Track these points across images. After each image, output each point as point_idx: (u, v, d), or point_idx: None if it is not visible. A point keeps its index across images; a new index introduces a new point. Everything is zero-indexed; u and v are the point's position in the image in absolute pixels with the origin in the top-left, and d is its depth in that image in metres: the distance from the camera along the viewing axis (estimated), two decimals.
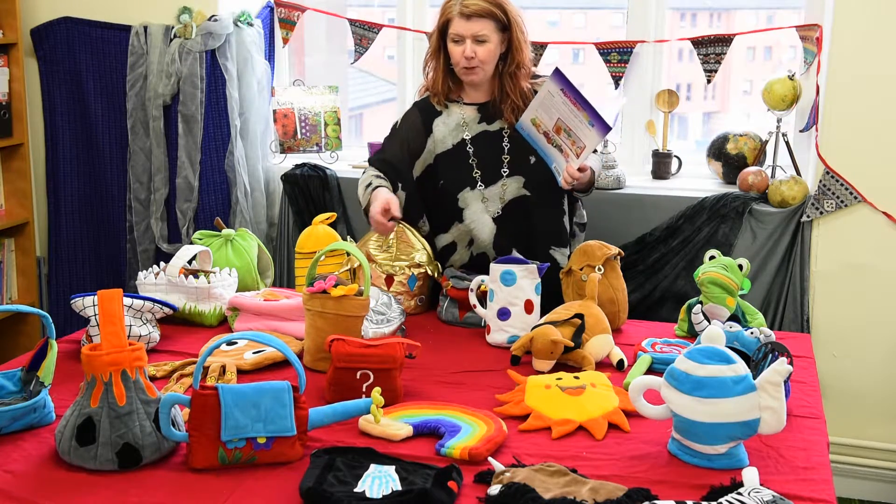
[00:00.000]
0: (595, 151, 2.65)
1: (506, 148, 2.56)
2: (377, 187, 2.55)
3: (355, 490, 1.50)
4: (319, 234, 2.55)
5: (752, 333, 1.99)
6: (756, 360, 1.87)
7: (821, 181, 3.00)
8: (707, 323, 2.16)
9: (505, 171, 2.57)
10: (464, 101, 2.61)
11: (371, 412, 1.73)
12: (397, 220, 2.49)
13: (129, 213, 3.61)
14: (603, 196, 3.08)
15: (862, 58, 2.92)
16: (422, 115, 2.64)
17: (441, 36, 2.53)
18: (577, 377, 1.91)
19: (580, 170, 2.41)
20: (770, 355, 1.84)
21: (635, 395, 1.68)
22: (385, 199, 2.47)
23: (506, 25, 2.49)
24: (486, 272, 2.34)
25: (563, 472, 1.54)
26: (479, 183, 2.57)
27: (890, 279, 3.01)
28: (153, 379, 1.98)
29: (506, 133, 2.57)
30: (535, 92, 2.52)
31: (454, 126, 2.60)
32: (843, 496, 3.11)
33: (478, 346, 2.26)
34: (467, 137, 2.58)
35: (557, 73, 2.36)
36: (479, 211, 2.58)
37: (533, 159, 2.56)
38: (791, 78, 3.04)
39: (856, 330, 3.07)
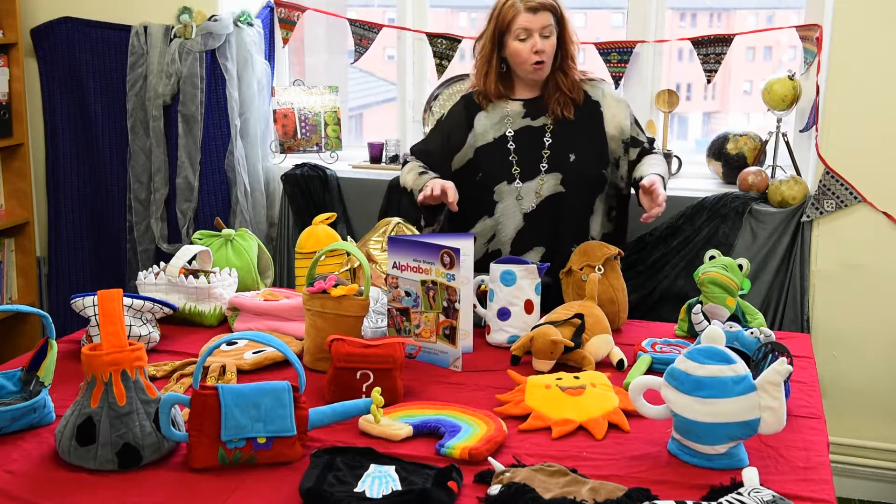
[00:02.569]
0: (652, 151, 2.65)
1: (547, 143, 2.57)
2: (434, 177, 2.59)
3: (355, 490, 1.50)
4: (319, 234, 2.55)
5: (752, 333, 1.99)
6: (756, 360, 1.87)
7: (821, 181, 3.00)
8: (707, 323, 2.16)
9: (544, 167, 2.57)
10: (511, 97, 2.64)
11: (371, 412, 1.73)
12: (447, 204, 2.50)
13: (129, 213, 3.61)
14: None
15: (862, 58, 2.92)
16: (466, 111, 2.68)
17: (495, 38, 2.56)
18: (577, 377, 1.91)
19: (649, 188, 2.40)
20: (770, 355, 1.84)
21: (635, 395, 1.68)
22: (447, 183, 2.50)
23: (559, 19, 2.56)
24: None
25: (563, 472, 1.54)
26: (517, 178, 2.58)
27: (890, 279, 3.01)
28: (153, 379, 1.98)
29: (548, 129, 2.59)
30: (585, 86, 2.61)
31: (497, 120, 2.62)
32: (843, 496, 3.11)
33: (478, 346, 2.26)
34: (510, 133, 2.59)
35: None
36: (512, 205, 2.59)
37: (573, 157, 2.57)
38: (791, 78, 3.04)
39: (856, 330, 3.07)
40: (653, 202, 2.40)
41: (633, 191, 2.65)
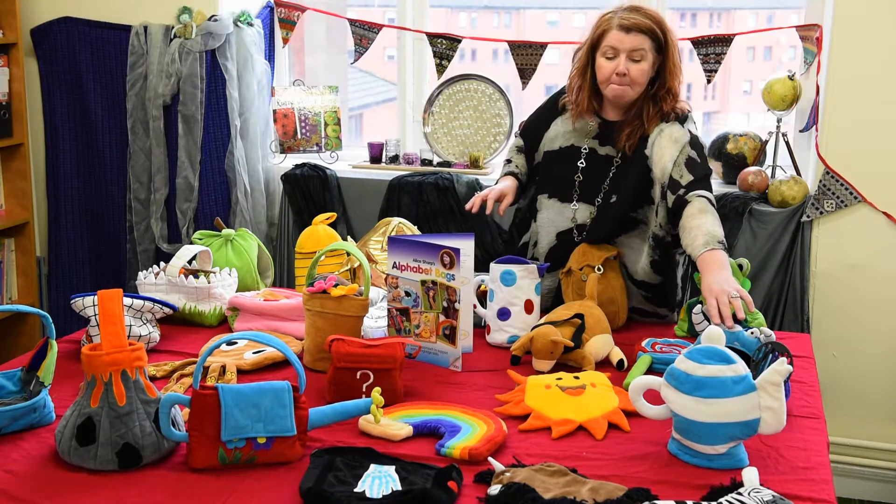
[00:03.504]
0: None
1: (609, 178, 2.43)
2: (507, 174, 2.56)
3: (355, 490, 1.50)
4: (319, 234, 2.55)
5: (752, 333, 1.99)
6: (756, 359, 1.87)
7: (821, 181, 3.00)
8: (707, 323, 2.16)
9: (598, 202, 2.43)
10: (598, 113, 2.47)
11: (371, 412, 1.73)
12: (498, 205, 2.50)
13: (129, 213, 3.61)
14: None
15: (862, 58, 2.92)
16: (552, 108, 2.56)
17: (591, 51, 2.39)
18: (577, 377, 1.91)
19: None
20: (770, 355, 1.84)
21: (635, 395, 1.68)
22: (502, 189, 2.50)
23: (662, 46, 2.34)
24: None
25: (563, 472, 1.54)
26: (573, 197, 2.46)
27: (890, 279, 3.02)
28: (153, 379, 1.98)
29: (616, 162, 2.42)
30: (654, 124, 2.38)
31: (570, 129, 2.49)
32: (843, 496, 3.11)
33: (478, 346, 2.26)
34: (584, 150, 2.46)
35: None
36: (547, 219, 2.49)
37: (614, 198, 2.41)
38: (791, 78, 3.04)
39: (856, 330, 3.07)
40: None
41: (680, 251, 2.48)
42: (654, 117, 2.39)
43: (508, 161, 2.64)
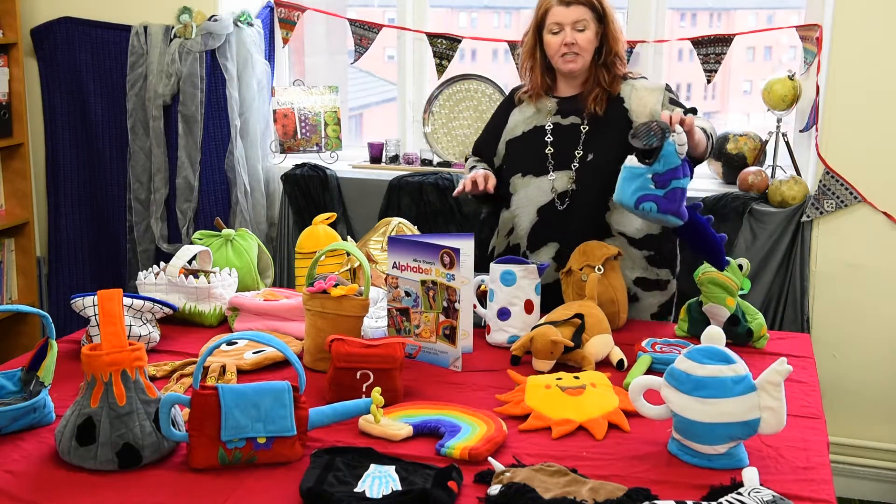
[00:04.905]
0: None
1: (580, 141, 2.55)
2: (480, 170, 2.60)
3: (355, 490, 1.50)
4: (319, 234, 2.55)
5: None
6: (649, 145, 2.03)
7: (821, 181, 3.00)
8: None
9: (575, 165, 2.54)
10: (553, 94, 2.62)
11: (371, 412, 1.73)
12: (487, 191, 2.53)
13: (129, 213, 3.61)
14: None
15: (862, 58, 2.92)
16: (506, 106, 2.70)
17: (537, 32, 2.56)
18: (577, 377, 1.91)
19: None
20: (663, 133, 2.01)
21: (635, 395, 1.68)
22: (484, 172, 2.55)
23: (601, 16, 2.52)
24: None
25: (563, 472, 1.54)
26: (549, 168, 2.56)
27: (890, 279, 3.02)
28: (153, 379, 1.98)
29: (583, 129, 2.55)
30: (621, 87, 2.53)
31: (529, 115, 2.62)
32: (843, 496, 3.11)
33: (478, 346, 2.26)
34: (549, 127, 2.58)
35: None
36: (524, 199, 2.58)
37: (591, 156, 2.53)
38: (791, 78, 3.05)
39: (856, 330, 3.07)
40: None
41: None
42: (616, 80, 2.55)
43: (473, 168, 2.68)
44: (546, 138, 2.57)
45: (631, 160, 2.12)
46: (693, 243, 2.27)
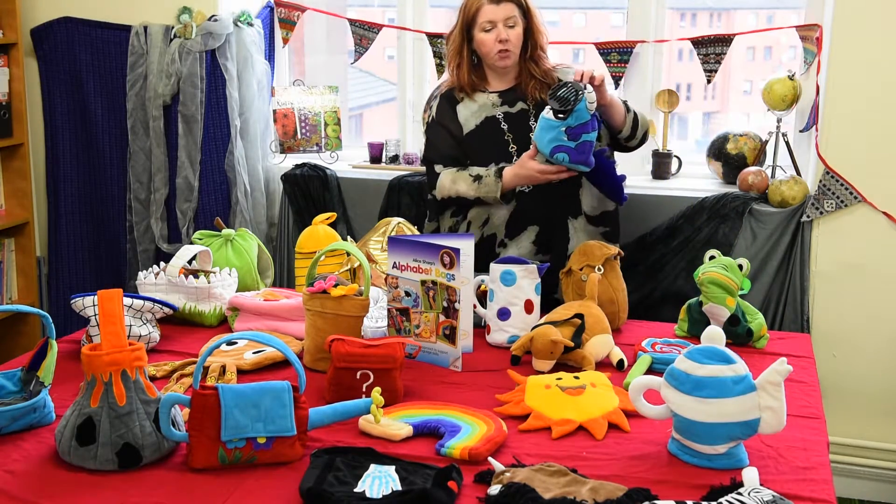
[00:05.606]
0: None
1: (532, 127, 2.62)
2: (478, 176, 2.62)
3: (355, 490, 1.50)
4: (319, 234, 2.55)
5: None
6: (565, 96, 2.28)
7: (821, 181, 3.00)
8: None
9: (513, 149, 2.64)
10: (486, 89, 2.71)
11: (371, 412, 1.73)
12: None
13: (129, 213, 3.61)
14: None
15: (862, 58, 2.92)
16: (448, 103, 2.73)
17: (464, 31, 2.66)
18: (577, 377, 1.91)
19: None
20: (577, 93, 2.27)
21: (635, 395, 1.68)
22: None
23: (526, 12, 2.64)
24: (491, 255, 2.41)
25: (563, 472, 1.54)
26: (514, 157, 2.62)
27: (890, 279, 3.01)
28: (153, 379, 1.98)
29: (531, 113, 2.65)
30: (557, 73, 2.68)
31: (476, 109, 2.69)
32: (843, 496, 3.11)
33: (478, 346, 2.26)
34: (500, 115, 2.67)
35: None
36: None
37: None
38: (791, 78, 3.04)
39: (856, 330, 3.07)
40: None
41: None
42: (547, 72, 2.68)
43: (478, 177, 2.64)
44: (502, 126, 2.65)
45: (548, 112, 2.39)
46: (598, 185, 2.60)
